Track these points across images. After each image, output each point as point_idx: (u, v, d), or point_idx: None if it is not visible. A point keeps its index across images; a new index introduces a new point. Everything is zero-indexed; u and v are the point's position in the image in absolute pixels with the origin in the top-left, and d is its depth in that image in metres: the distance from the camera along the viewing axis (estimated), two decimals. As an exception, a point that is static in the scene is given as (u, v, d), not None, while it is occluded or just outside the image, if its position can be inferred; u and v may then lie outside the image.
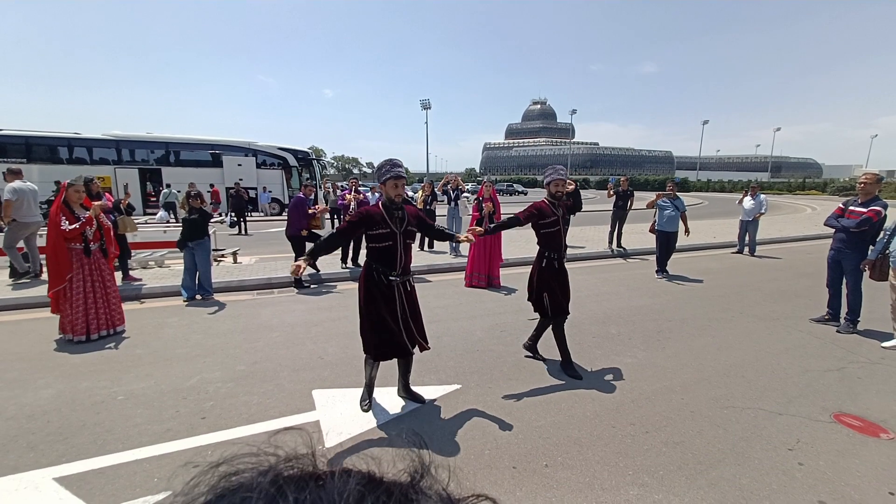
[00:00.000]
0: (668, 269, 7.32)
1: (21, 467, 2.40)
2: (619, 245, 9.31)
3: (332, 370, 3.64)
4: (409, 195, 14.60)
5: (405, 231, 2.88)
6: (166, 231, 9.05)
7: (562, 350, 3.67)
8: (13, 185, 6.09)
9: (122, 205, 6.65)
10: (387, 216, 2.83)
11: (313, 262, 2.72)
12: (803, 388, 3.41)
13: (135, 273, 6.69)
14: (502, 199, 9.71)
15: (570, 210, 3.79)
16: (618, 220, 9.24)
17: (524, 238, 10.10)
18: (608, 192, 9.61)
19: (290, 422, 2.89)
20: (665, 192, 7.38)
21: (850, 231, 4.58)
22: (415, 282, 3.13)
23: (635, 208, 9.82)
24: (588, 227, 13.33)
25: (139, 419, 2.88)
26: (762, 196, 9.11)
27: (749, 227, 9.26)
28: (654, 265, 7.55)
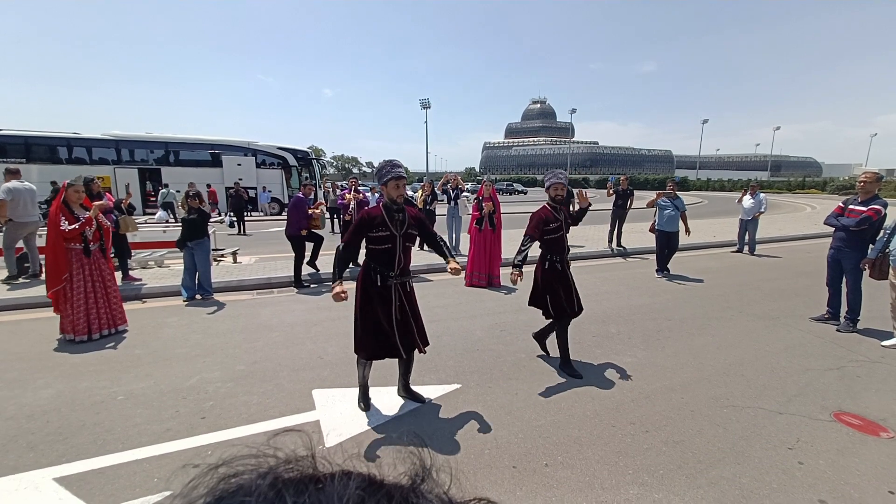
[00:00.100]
0: (668, 268, 7.31)
1: (21, 467, 2.40)
2: (618, 244, 9.31)
3: (331, 370, 3.64)
4: (410, 195, 14.58)
5: (405, 234, 2.87)
6: (166, 231, 9.04)
7: (561, 349, 3.68)
8: (8, 184, 6.08)
9: (123, 205, 6.65)
10: (387, 218, 2.82)
11: (340, 278, 2.77)
12: (803, 386, 3.41)
13: (135, 273, 6.69)
14: (502, 198, 9.69)
15: (573, 221, 3.79)
16: (617, 219, 9.24)
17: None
18: (608, 191, 9.61)
19: (289, 422, 2.89)
20: (665, 192, 7.35)
21: (850, 230, 4.58)
22: (415, 282, 3.12)
23: (635, 207, 9.82)
24: (588, 226, 13.28)
25: (139, 419, 2.88)
26: (762, 195, 9.11)
27: (749, 226, 9.26)
28: (653, 264, 7.55)
